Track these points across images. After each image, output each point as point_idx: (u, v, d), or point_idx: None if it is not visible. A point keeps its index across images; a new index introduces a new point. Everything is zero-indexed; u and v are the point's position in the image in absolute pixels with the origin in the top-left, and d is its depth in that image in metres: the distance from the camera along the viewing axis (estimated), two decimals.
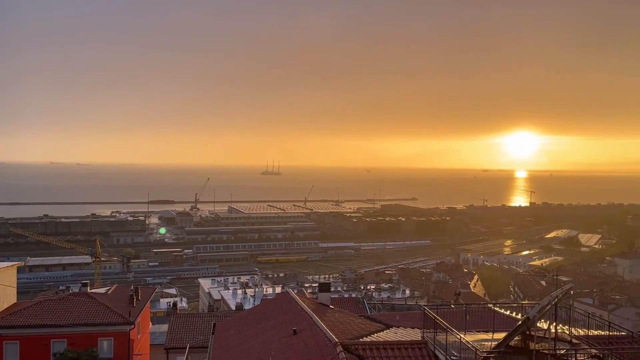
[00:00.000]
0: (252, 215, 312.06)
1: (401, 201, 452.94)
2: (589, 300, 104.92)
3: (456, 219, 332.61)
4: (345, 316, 23.30)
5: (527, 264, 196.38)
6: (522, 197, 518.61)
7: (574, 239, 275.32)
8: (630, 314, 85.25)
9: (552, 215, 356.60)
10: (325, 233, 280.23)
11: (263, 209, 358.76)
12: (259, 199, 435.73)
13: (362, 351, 17.28)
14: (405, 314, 34.55)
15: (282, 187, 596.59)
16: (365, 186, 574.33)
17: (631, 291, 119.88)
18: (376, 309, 54.77)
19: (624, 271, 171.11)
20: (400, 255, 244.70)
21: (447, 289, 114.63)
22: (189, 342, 38.73)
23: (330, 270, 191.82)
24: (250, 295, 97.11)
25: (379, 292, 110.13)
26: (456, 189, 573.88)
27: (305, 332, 19.71)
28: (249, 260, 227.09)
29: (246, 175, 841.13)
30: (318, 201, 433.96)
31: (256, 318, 25.32)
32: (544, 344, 16.19)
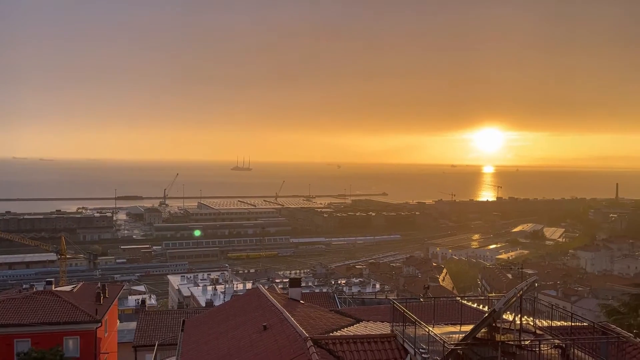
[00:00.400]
0: (222, 211, 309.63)
1: (371, 196, 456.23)
2: (553, 292, 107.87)
3: (425, 213, 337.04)
4: (315, 311, 23.37)
5: (494, 258, 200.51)
6: (489, 192, 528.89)
7: (539, 232, 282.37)
8: (592, 305, 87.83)
9: (518, 210, 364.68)
10: (296, 228, 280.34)
11: (233, 204, 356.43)
12: (229, 194, 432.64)
13: (332, 345, 17.38)
14: (376, 308, 34.85)
15: (253, 182, 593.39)
16: (336, 182, 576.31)
17: (593, 283, 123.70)
18: (347, 303, 55.08)
19: (586, 263, 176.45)
20: (370, 250, 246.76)
21: (417, 282, 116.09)
22: (158, 339, 38.26)
23: (301, 266, 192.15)
24: (221, 292, 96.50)
25: (349, 286, 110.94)
26: (425, 184, 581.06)
27: (275, 328, 19.70)
28: (219, 256, 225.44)
29: (216, 171, 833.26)
30: (289, 197, 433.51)
31: (226, 314, 25.18)
32: (510, 335, 16.57)
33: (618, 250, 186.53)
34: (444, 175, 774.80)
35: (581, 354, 15.84)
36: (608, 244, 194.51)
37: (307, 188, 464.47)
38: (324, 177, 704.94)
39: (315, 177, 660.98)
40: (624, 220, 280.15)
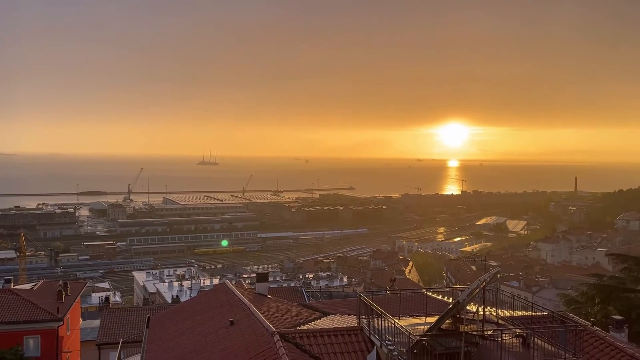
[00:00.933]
0: (188, 206, 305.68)
1: (339, 190, 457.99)
2: (515, 283, 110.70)
3: (392, 207, 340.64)
4: (283, 305, 23.36)
5: (459, 250, 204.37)
6: (454, 186, 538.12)
7: (502, 225, 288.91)
8: (552, 295, 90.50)
9: (481, 203, 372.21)
10: (264, 223, 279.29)
11: (200, 199, 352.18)
12: (196, 189, 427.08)
13: (299, 339, 17.41)
14: (343, 302, 35.07)
15: (220, 177, 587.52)
16: (303, 176, 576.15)
17: (553, 273, 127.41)
18: (314, 297, 55.23)
19: (547, 255, 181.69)
20: (338, 243, 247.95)
21: (383, 275, 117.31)
22: (122, 337, 37.61)
23: (269, 261, 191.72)
24: (187, 288, 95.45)
25: (317, 280, 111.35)
26: (392, 178, 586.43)
27: (242, 323, 19.60)
28: (186, 252, 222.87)
29: (182, 166, 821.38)
30: (256, 191, 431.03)
31: (192, 310, 24.92)
32: (473, 325, 16.93)
33: (577, 242, 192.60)
34: (410, 170, 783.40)
35: (541, 342, 16.31)
36: (567, 236, 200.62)
37: (275, 182, 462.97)
38: (291, 171, 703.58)
39: (283, 171, 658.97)
40: (582, 213, 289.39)
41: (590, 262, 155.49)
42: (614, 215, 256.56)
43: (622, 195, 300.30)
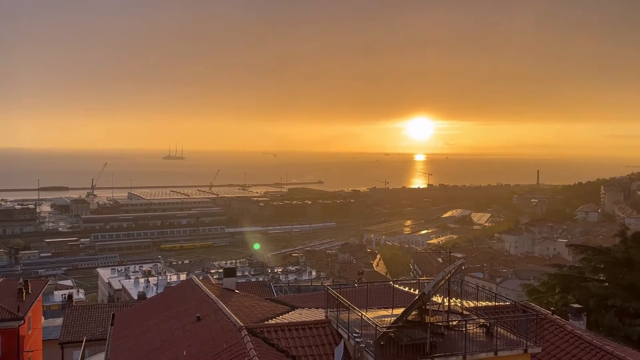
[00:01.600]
0: (154, 202, 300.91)
1: (307, 185, 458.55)
2: (479, 274, 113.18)
3: (360, 201, 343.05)
4: (250, 300, 23.28)
5: (425, 243, 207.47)
6: (421, 179, 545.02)
7: (467, 217, 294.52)
8: (515, 285, 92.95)
9: (447, 196, 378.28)
10: (231, 218, 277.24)
11: (166, 194, 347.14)
12: (162, 184, 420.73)
13: (267, 333, 17.39)
14: (311, 295, 35.22)
15: (186, 171, 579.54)
16: (272, 170, 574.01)
17: (516, 264, 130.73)
18: (283, 291, 55.30)
19: (510, 246, 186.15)
20: (306, 237, 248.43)
21: (352, 268, 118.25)
22: (86, 335, 36.84)
23: (237, 255, 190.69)
24: (154, 284, 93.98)
25: (285, 274, 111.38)
26: (360, 172, 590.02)
27: (209, 318, 19.45)
28: (152, 247, 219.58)
29: (147, 160, 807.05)
30: (224, 186, 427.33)
31: (158, 306, 24.59)
32: (438, 316, 17.22)
33: (539, 233, 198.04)
34: (377, 164, 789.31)
35: (504, 331, 16.73)
36: (530, 228, 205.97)
37: (243, 177, 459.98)
38: (259, 165, 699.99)
39: (250, 166, 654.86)
40: (544, 205, 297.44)
41: (552, 253, 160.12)
42: (574, 207, 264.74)
43: (582, 187, 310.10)
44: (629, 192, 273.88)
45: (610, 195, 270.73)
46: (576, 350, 17.26)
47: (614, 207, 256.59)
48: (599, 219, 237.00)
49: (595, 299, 28.09)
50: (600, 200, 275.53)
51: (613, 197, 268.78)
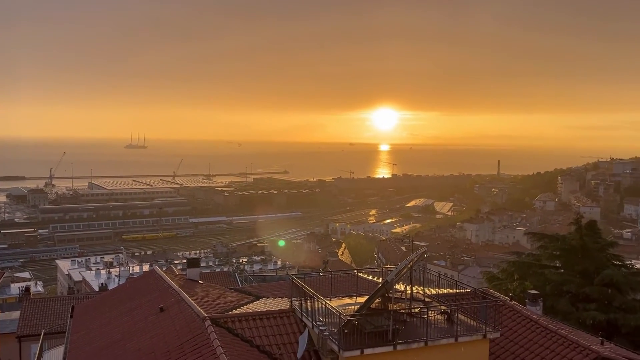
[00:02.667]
0: (115, 191, 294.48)
1: (273, 174, 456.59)
2: (442, 262, 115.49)
3: (325, 191, 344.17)
4: (214, 290, 23.13)
5: (389, 232, 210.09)
6: (385, 169, 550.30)
7: (430, 207, 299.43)
8: (476, 273, 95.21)
9: (411, 186, 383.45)
10: (195, 208, 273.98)
11: (128, 184, 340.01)
12: (123, 173, 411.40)
13: (230, 323, 17.33)
14: (276, 285, 35.24)
15: (149, 161, 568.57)
16: (237, 160, 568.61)
17: (477, 252, 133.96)
18: (247, 281, 55.10)
19: (472, 235, 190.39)
20: (272, 227, 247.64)
21: (317, 258, 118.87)
22: (45, 328, 35.91)
23: (201, 246, 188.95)
24: (115, 275, 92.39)
25: (251, 264, 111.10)
26: (325, 162, 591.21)
27: (172, 309, 19.24)
28: (114, 238, 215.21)
29: (108, 149, 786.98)
30: (188, 175, 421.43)
31: (120, 298, 24.16)
32: (401, 304, 17.52)
33: (499, 222, 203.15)
34: (343, 154, 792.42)
35: (464, 317, 17.15)
36: (490, 216, 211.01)
37: (207, 166, 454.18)
38: (224, 155, 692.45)
39: (215, 155, 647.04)
40: (504, 194, 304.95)
41: (511, 241, 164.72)
42: (533, 196, 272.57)
43: (540, 177, 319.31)
44: (584, 182, 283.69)
45: (566, 184, 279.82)
46: (532, 335, 17.85)
47: (570, 196, 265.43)
48: (556, 208, 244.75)
49: (551, 285, 29.08)
50: (558, 189, 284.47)
51: (569, 186, 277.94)
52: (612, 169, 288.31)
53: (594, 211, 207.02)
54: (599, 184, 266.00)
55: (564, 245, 31.55)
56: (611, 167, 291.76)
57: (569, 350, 16.42)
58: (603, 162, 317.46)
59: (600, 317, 26.25)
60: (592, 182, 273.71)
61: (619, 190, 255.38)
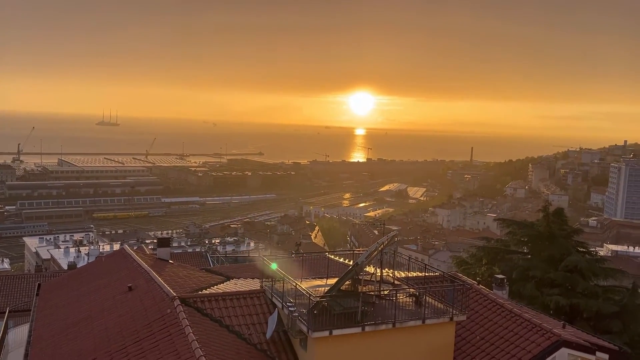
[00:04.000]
0: (86, 169, 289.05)
1: (248, 156, 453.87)
2: (413, 246, 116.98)
3: (300, 173, 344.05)
4: (185, 270, 22.98)
5: (363, 215, 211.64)
6: (360, 153, 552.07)
7: (403, 192, 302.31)
8: (446, 257, 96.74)
9: (385, 171, 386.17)
10: (168, 188, 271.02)
11: (99, 162, 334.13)
12: (95, 151, 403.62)
13: (200, 303, 17.27)
14: (248, 266, 35.15)
15: (121, 139, 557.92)
16: (211, 140, 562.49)
17: (448, 237, 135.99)
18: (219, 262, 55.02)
19: (443, 220, 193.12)
20: (246, 209, 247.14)
21: (290, 240, 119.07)
22: (10, 305, 35.29)
23: (173, 226, 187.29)
24: (85, 254, 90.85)
25: (223, 245, 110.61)
26: (300, 145, 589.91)
27: (141, 289, 19.06)
28: (84, 216, 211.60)
29: (79, 125, 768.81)
30: (161, 155, 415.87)
31: (88, 277, 23.81)
32: (371, 286, 17.69)
33: (470, 208, 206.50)
34: (318, 137, 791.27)
35: (432, 300, 17.43)
36: (462, 202, 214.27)
37: (181, 146, 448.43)
38: (198, 135, 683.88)
39: (189, 134, 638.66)
40: (476, 181, 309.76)
41: (481, 227, 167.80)
42: (504, 184, 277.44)
43: (511, 165, 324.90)
44: (554, 171, 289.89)
45: (537, 172, 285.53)
46: (498, 318, 18.26)
47: (540, 184, 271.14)
48: (526, 195, 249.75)
49: (518, 270, 29.71)
50: (528, 177, 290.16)
51: (540, 174, 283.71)
52: (581, 158, 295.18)
53: (562, 199, 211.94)
54: (568, 173, 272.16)
55: (531, 232, 32.18)
56: (580, 157, 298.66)
57: (532, 333, 16.86)
58: (573, 152, 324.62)
59: (563, 302, 26.97)
60: (562, 171, 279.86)
61: (587, 179, 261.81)
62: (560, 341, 16.20)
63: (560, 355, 16.24)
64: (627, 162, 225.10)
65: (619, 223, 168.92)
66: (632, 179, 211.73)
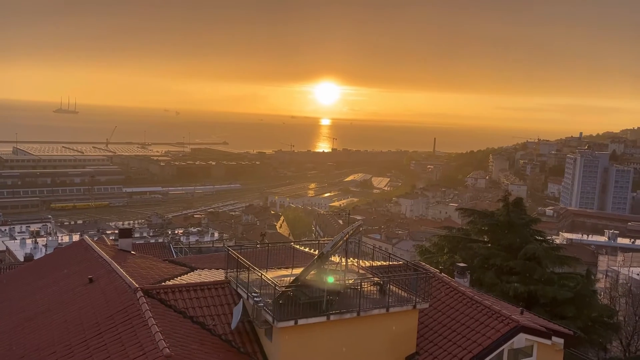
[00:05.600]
0: (43, 158, 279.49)
1: (212, 145, 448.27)
2: (377, 236, 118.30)
3: (265, 163, 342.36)
4: (147, 261, 22.62)
5: (328, 205, 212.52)
6: (325, 143, 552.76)
7: (367, 182, 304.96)
8: (409, 246, 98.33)
9: (350, 161, 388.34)
10: (130, 177, 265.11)
11: (57, 150, 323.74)
12: (52, 139, 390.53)
13: (164, 295, 17.05)
14: (212, 256, 34.86)
15: (80, 127, 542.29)
16: (174, 129, 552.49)
17: (411, 227, 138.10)
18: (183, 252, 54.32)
19: (407, 210, 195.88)
20: (210, 199, 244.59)
21: (255, 230, 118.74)
22: None
23: (135, 216, 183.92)
24: (43, 245, 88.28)
25: (187, 236, 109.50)
26: (266, 134, 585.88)
27: (102, 280, 18.66)
28: (41, 207, 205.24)
29: (35, 113, 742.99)
30: (122, 143, 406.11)
31: (46, 268, 23.14)
32: (336, 275, 17.81)
33: (433, 198, 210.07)
34: (284, 126, 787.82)
35: (396, 289, 17.70)
36: (425, 192, 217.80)
37: (142, 135, 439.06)
38: (161, 123, 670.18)
39: (151, 123, 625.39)
40: (438, 171, 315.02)
41: (443, 216, 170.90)
42: (465, 174, 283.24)
43: (473, 155, 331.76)
44: (514, 161, 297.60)
45: (497, 163, 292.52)
46: (459, 305, 18.70)
47: (500, 174, 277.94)
48: (486, 185, 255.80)
49: (479, 258, 30.47)
50: (489, 167, 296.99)
51: (500, 165, 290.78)
52: (539, 149, 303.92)
53: (521, 189, 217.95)
54: (526, 164, 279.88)
55: (491, 221, 32.97)
56: (538, 148, 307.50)
57: (492, 320, 17.34)
58: (531, 143, 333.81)
59: (521, 289, 27.82)
60: (521, 162, 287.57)
61: (545, 170, 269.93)
62: (518, 327, 16.73)
63: (519, 340, 16.79)
64: (582, 153, 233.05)
65: (573, 212, 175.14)
66: (587, 169, 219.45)
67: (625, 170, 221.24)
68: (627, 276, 51.20)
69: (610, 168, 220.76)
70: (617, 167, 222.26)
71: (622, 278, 51.17)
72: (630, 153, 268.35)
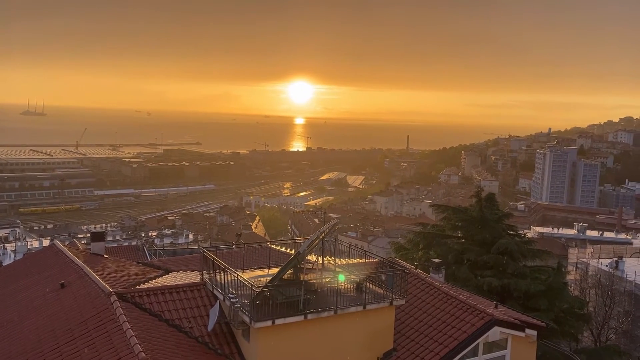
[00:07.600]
0: (10, 161, 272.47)
1: (185, 146, 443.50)
2: (352, 234, 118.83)
3: (240, 163, 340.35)
4: (121, 265, 22.26)
5: (303, 204, 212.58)
6: (300, 142, 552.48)
7: (342, 180, 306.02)
8: (385, 243, 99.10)
9: (325, 160, 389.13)
10: (101, 180, 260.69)
11: (25, 153, 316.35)
12: (19, 142, 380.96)
13: (138, 298, 16.80)
14: (187, 258, 34.49)
15: (48, 129, 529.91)
16: (146, 130, 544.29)
17: (386, 224, 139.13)
18: (157, 255, 53.55)
19: (381, 207, 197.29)
20: (183, 200, 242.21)
21: (230, 231, 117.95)
22: None
23: (107, 219, 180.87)
24: (11, 251, 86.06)
25: (161, 238, 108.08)
26: (239, 134, 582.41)
27: (74, 285, 18.28)
28: (9, 211, 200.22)
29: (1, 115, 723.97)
30: (92, 145, 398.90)
31: (15, 274, 22.54)
32: (313, 274, 17.83)
33: (407, 195, 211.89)
34: (258, 126, 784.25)
35: (372, 286, 17.79)
36: (399, 190, 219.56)
37: (113, 136, 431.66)
38: (132, 124, 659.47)
39: (122, 124, 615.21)
40: (412, 169, 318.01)
41: (418, 213, 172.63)
42: (439, 171, 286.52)
43: (445, 152, 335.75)
44: (485, 157, 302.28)
45: (469, 159, 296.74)
46: (435, 301, 18.92)
47: (472, 170, 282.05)
48: (459, 182, 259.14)
49: (453, 254, 30.84)
50: (461, 164, 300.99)
51: (472, 161, 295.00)
52: (509, 145, 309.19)
53: (493, 185, 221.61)
54: (498, 160, 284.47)
55: (465, 217, 33.38)
56: (509, 144, 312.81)
57: (467, 314, 17.59)
58: (502, 139, 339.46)
59: (495, 283, 28.28)
60: (492, 158, 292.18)
61: (515, 165, 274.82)
62: (493, 320, 17.01)
63: (493, 333, 17.08)
64: (552, 148, 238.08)
65: (544, 206, 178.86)
66: (556, 164, 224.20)
67: (593, 165, 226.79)
68: (596, 268, 52.44)
69: (578, 163, 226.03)
70: (585, 162, 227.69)
71: (591, 270, 52.39)
72: (597, 147, 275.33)
